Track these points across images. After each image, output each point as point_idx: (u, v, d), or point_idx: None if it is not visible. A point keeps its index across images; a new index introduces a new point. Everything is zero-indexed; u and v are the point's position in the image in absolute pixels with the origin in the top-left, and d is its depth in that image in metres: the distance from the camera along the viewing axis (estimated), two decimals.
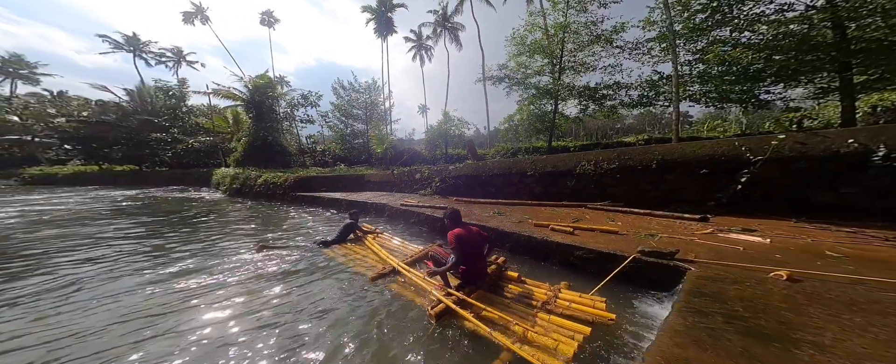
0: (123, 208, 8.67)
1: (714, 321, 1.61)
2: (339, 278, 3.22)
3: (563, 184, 6.56)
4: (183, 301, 2.73)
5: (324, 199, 8.31)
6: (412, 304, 2.56)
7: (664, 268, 2.63)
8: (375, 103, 20.17)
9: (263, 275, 3.35)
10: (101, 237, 5.25)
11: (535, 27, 11.69)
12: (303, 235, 5.30)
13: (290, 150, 18.38)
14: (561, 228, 3.96)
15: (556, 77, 11.27)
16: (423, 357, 1.85)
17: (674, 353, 1.32)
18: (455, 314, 2.19)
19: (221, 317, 2.47)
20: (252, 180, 11.07)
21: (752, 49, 8.54)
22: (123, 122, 21.14)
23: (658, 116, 40.25)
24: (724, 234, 3.59)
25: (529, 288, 2.58)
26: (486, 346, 1.90)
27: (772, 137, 4.78)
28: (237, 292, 2.91)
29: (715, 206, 4.83)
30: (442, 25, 27.31)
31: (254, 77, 17.17)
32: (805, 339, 1.41)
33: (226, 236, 5.29)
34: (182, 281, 3.19)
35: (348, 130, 20.39)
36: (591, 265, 3.17)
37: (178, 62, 32.85)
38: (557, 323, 1.96)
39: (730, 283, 2.13)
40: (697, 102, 10.67)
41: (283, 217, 7.19)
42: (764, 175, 4.56)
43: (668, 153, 5.52)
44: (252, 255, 3.98)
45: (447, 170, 8.58)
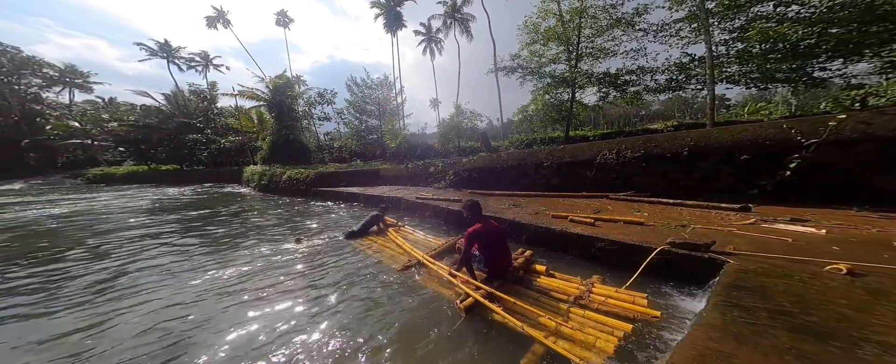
0: (186, 204, 9.59)
1: (757, 316, 1.48)
2: (368, 269, 3.33)
3: (582, 174, 6.29)
4: (239, 282, 3.03)
5: (343, 194, 8.61)
6: (439, 296, 2.59)
7: (698, 260, 2.45)
8: (388, 99, 20.38)
9: (300, 263, 3.58)
10: (192, 226, 6.16)
11: (548, 14, 11.08)
12: (331, 228, 5.56)
13: (309, 147, 19.16)
14: (581, 219, 3.81)
15: (572, 64, 10.67)
16: (453, 348, 1.88)
17: (708, 346, 1.23)
18: (484, 307, 2.19)
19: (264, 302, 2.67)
20: (278, 177, 11.71)
21: (802, 23, 7.55)
22: (164, 124, 23.07)
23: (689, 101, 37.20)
24: (769, 224, 3.28)
25: (559, 282, 2.51)
26: (516, 339, 1.89)
27: (828, 118, 4.25)
28: (278, 280, 3.11)
29: (757, 195, 4.41)
30: (451, 17, 26.78)
31: (273, 77, 17.94)
32: (869, 339, 1.25)
33: (268, 228, 5.73)
34: (242, 266, 3.54)
35: (363, 126, 20.84)
36: (613, 257, 3.02)
37: (206, 66, 35.12)
38: (593, 318, 1.90)
39: (777, 277, 1.94)
40: (736, 84, 9.70)
41: (311, 211, 7.54)
42: (819, 159, 4.07)
43: (701, 139, 5.09)
44: (293, 245, 4.33)
45: (461, 162, 8.52)
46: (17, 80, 30.03)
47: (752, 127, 5.03)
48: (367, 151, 20.67)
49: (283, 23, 34.87)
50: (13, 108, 28.10)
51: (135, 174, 23.84)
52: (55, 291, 3.02)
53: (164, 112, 24.12)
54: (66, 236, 5.50)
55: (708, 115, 9.24)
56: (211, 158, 23.08)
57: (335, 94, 20.33)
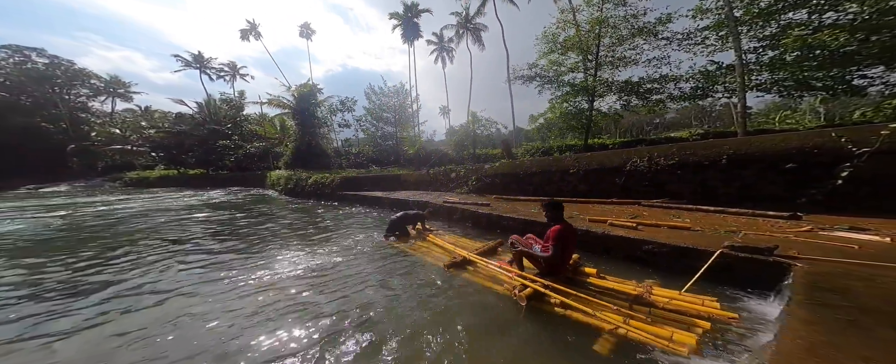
0: (224, 205, 10.23)
1: (849, 313, 1.47)
2: (419, 267, 3.47)
3: (610, 181, 6.24)
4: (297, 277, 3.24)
5: (368, 198, 8.86)
6: (490, 290, 2.67)
7: (761, 264, 2.42)
8: (404, 106, 21.01)
9: (358, 260, 3.78)
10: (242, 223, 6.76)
11: (567, 24, 11.33)
12: (367, 230, 5.73)
13: (328, 153, 19.89)
14: (621, 223, 3.80)
15: (592, 73, 10.75)
16: (519, 337, 1.94)
17: (820, 339, 1.24)
18: (540, 301, 2.25)
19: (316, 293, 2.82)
20: (303, 181, 12.21)
21: (843, 30, 7.38)
22: (195, 130, 24.64)
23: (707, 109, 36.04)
24: (827, 232, 3.17)
25: (612, 283, 2.53)
26: (577, 328, 1.94)
27: (880, 127, 4.11)
28: (359, 270, 3.39)
29: (807, 204, 4.25)
30: (464, 27, 27.68)
31: (298, 86, 18.98)
32: None
33: (334, 229, 5.96)
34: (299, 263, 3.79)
35: (379, 133, 21.47)
36: (662, 260, 3.00)
37: (234, 75, 37.56)
38: (663, 316, 1.92)
39: (855, 280, 1.90)
40: (767, 92, 9.45)
41: (345, 214, 7.82)
42: (871, 169, 3.92)
43: (740, 147, 4.99)
44: (355, 241, 4.73)
45: (483, 169, 8.63)
46: (67, 91, 33.12)
47: (796, 135, 4.90)
48: (382, 157, 21.19)
49: (306, 34, 37.10)
50: (64, 115, 30.90)
51: (167, 178, 25.38)
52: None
53: (196, 119, 25.82)
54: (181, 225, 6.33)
55: (740, 123, 9.00)
56: (236, 163, 24.30)
57: (355, 102, 21.20)
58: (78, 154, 29.19)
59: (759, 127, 14.99)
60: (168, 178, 25.26)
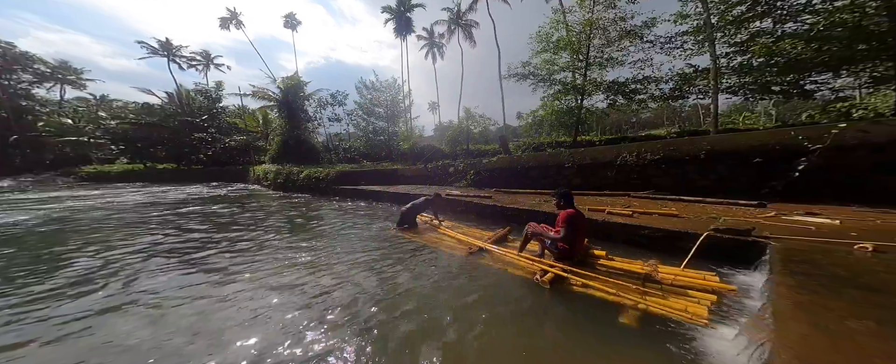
0: (220, 199, 9.64)
1: (822, 280, 1.83)
2: (436, 254, 3.62)
3: (603, 175, 6.71)
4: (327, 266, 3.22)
5: (366, 192, 8.81)
6: (507, 274, 2.88)
7: (741, 244, 2.82)
8: (396, 101, 20.71)
9: (380, 251, 3.85)
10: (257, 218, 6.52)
11: (559, 24, 11.72)
12: (376, 221, 5.79)
13: (317, 147, 19.25)
14: (619, 212, 4.18)
15: (582, 73, 11.27)
16: (554, 316, 2.17)
17: (804, 298, 1.55)
18: (561, 283, 2.49)
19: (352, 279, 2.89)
20: (295, 175, 11.82)
21: (800, 39, 8.28)
22: (166, 122, 22.75)
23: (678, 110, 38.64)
24: (788, 217, 3.69)
25: (621, 263, 2.83)
26: (600, 305, 2.19)
27: (831, 126, 4.77)
28: (385, 260, 3.43)
29: (769, 194, 4.87)
30: (456, 23, 27.51)
31: (284, 78, 18.08)
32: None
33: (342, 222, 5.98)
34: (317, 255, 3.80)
35: (371, 128, 21.08)
36: (658, 243, 3.38)
37: (207, 65, 34.78)
38: (673, 291, 2.21)
39: (818, 254, 2.31)
40: (735, 94, 10.42)
41: (350, 208, 7.75)
42: (822, 163, 4.56)
43: (717, 143, 5.57)
44: (370, 232, 4.87)
45: (481, 163, 8.87)
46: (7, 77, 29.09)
47: (761, 134, 5.54)
48: (373, 152, 20.87)
49: (291, 25, 35.03)
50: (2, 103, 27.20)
51: (131, 172, 23.32)
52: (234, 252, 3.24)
53: (167, 110, 23.80)
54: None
55: (712, 122, 9.87)
56: (213, 157, 22.82)
57: (346, 96, 20.56)
58: (22, 146, 25.94)
59: (725, 126, 16.46)
60: (133, 172, 23.22)
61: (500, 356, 1.72)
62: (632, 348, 1.74)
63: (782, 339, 1.13)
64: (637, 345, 1.77)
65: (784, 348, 1.07)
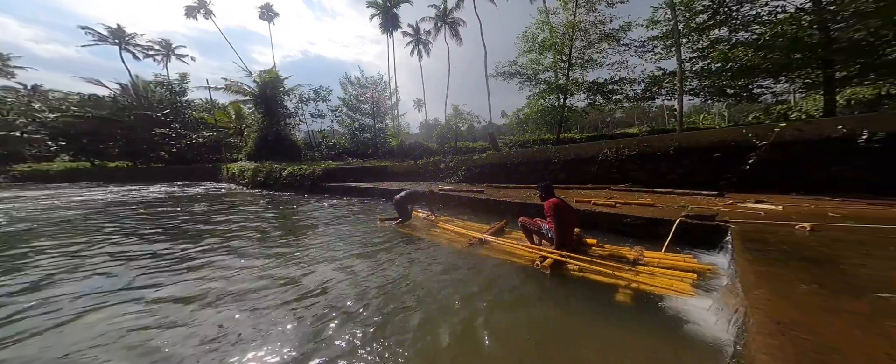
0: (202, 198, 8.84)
1: (773, 254, 2.19)
2: (440, 248, 3.69)
3: (586, 169, 7.18)
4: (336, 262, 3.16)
5: (356, 189, 8.65)
6: (509, 263, 3.07)
7: (708, 227, 3.24)
8: (383, 98, 20.30)
9: (380, 246, 3.85)
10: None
11: (544, 25, 12.19)
12: (372, 218, 5.73)
13: (299, 144, 18.36)
14: (603, 203, 4.55)
15: (566, 73, 11.86)
16: (548, 297, 2.37)
17: (763, 269, 1.86)
18: (559, 269, 2.72)
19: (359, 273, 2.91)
20: (276, 173, 11.24)
21: (751, 47, 9.34)
22: (119, 116, 20.40)
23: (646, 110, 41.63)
24: (742, 204, 4.26)
25: (611, 249, 3.12)
26: (597, 287, 2.43)
27: (773, 125, 5.50)
28: (365, 257, 3.41)
29: (726, 185, 5.54)
30: (442, 21, 27.36)
31: (261, 72, 16.95)
32: (843, 262, 1.99)
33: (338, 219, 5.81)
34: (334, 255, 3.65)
35: (356, 125, 20.49)
36: (639, 230, 3.76)
37: (168, 56, 31.48)
38: (660, 272, 2.50)
39: (768, 234, 2.73)
40: (697, 96, 11.52)
41: (340, 205, 7.56)
42: (767, 157, 5.27)
43: (683, 140, 6.19)
44: (373, 226, 4.83)
45: (471, 159, 9.07)
46: None
47: (718, 132, 6.23)
48: (359, 149, 20.34)
49: (267, 17, 32.60)
50: None
51: (76, 171, 20.74)
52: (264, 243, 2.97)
53: (120, 103, 21.33)
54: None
55: (678, 122, 10.86)
56: (178, 155, 20.89)
57: (330, 92, 19.74)
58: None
59: (688, 126, 18.13)
60: (79, 171, 20.66)
61: (509, 335, 1.88)
62: (628, 321, 1.98)
63: (752, 303, 1.39)
64: (633, 318, 2.01)
65: (755, 310, 1.32)
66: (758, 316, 1.26)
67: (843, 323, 1.18)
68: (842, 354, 0.98)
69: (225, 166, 16.30)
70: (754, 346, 1.09)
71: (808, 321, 1.20)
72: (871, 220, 2.97)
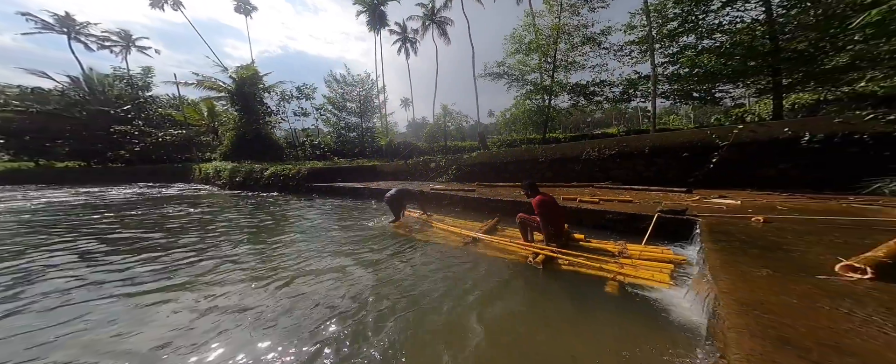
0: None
1: (735, 244, 2.49)
2: (434, 249, 3.75)
3: (570, 168, 7.56)
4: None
5: (345, 189, 8.48)
6: (503, 260, 3.21)
7: (680, 221, 3.58)
8: (370, 96, 19.86)
9: (376, 247, 3.83)
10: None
11: (531, 27, 12.56)
12: (365, 219, 5.67)
13: (280, 143, 17.51)
14: (587, 200, 4.84)
15: (551, 74, 12.32)
16: (542, 291, 2.52)
17: (728, 258, 2.12)
18: (551, 263, 2.89)
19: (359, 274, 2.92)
20: (257, 173, 10.70)
21: (714, 54, 10.21)
22: (69, 112, 18.34)
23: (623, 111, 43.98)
24: (708, 200, 4.72)
25: (597, 244, 3.35)
26: (586, 280, 2.62)
27: (732, 127, 6.10)
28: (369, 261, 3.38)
29: (693, 182, 6.08)
30: (430, 20, 27.14)
31: (238, 67, 15.94)
32: (791, 249, 2.31)
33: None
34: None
35: (342, 124, 19.90)
36: (621, 225, 4.06)
37: (127, 47, 28.57)
38: (642, 264, 2.74)
39: (730, 226, 3.08)
40: (668, 99, 12.41)
41: (333, 207, 7.36)
42: (728, 157, 5.85)
43: (657, 141, 6.70)
44: (366, 226, 4.83)
45: (462, 159, 9.19)
46: None
47: (686, 132, 6.80)
48: (345, 149, 19.78)
49: (244, 10, 30.43)
50: None
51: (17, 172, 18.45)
52: None
53: (71, 97, 19.16)
54: None
55: (651, 123, 11.65)
56: (142, 154, 19.17)
57: (314, 90, 18.96)
58: None
59: (660, 127, 19.45)
60: (20, 172, 18.40)
61: (505, 329, 2.00)
62: (616, 310, 2.18)
63: (721, 289, 1.61)
64: (620, 307, 2.22)
65: (723, 294, 1.54)
66: (725, 300, 1.47)
67: (793, 302, 1.41)
68: (794, 329, 1.19)
69: (197, 166, 15.23)
70: (725, 326, 1.28)
71: (766, 302, 1.43)
72: (811, 213, 3.43)
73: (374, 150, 18.14)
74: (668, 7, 10.40)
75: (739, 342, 1.12)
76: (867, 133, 4.64)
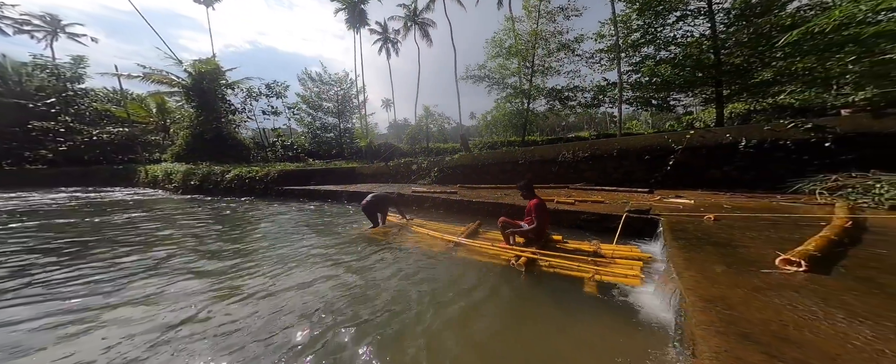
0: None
1: (693, 241, 2.73)
2: (415, 254, 3.64)
3: (548, 170, 7.89)
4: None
5: (320, 192, 8.00)
6: (485, 263, 3.21)
7: (645, 220, 3.87)
8: (348, 96, 19.01)
9: (354, 255, 3.58)
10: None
11: (510, 32, 12.96)
12: (340, 225, 5.36)
13: (246, 143, 16.04)
14: (564, 200, 5.07)
15: (529, 78, 12.81)
16: (525, 294, 2.56)
17: (689, 255, 2.31)
18: (532, 265, 2.95)
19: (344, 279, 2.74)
20: (217, 176, 9.68)
21: (670, 64, 11.31)
22: None
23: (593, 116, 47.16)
24: (666, 199, 5.18)
25: (574, 244, 3.48)
26: (566, 280, 2.71)
27: (685, 132, 6.78)
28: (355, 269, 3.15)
29: (654, 183, 6.66)
30: (413, 21, 26.80)
31: (197, 61, 14.32)
32: (739, 244, 2.58)
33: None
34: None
35: (318, 123, 18.80)
36: (594, 224, 4.30)
37: (54, 33, 24.34)
38: (615, 263, 2.88)
39: (687, 224, 3.39)
40: (631, 105, 13.50)
41: (308, 211, 6.87)
42: (682, 159, 6.49)
43: (623, 144, 7.23)
44: (342, 232, 4.55)
45: (444, 161, 9.16)
46: None
47: (649, 137, 7.43)
48: (321, 150, 18.68)
49: (206, 1, 27.24)
50: None
51: None
52: None
53: None
54: None
55: (618, 127, 12.59)
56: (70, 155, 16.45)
57: (287, 87, 17.65)
58: None
59: (625, 131, 21.11)
60: None
61: (489, 332, 2.00)
62: (596, 310, 2.26)
63: (685, 285, 1.74)
64: (598, 306, 2.31)
65: (688, 291, 1.66)
66: (690, 297, 1.59)
67: (746, 296, 1.56)
68: (750, 323, 1.31)
69: (143, 168, 13.46)
70: (692, 323, 1.37)
71: (725, 297, 1.56)
72: (750, 210, 3.90)
73: (352, 152, 17.41)
74: (632, 19, 11.32)
75: (706, 339, 1.21)
76: (790, 139, 5.41)
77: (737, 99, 12.20)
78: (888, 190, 3.76)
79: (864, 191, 4.01)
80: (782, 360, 1.06)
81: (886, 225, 2.91)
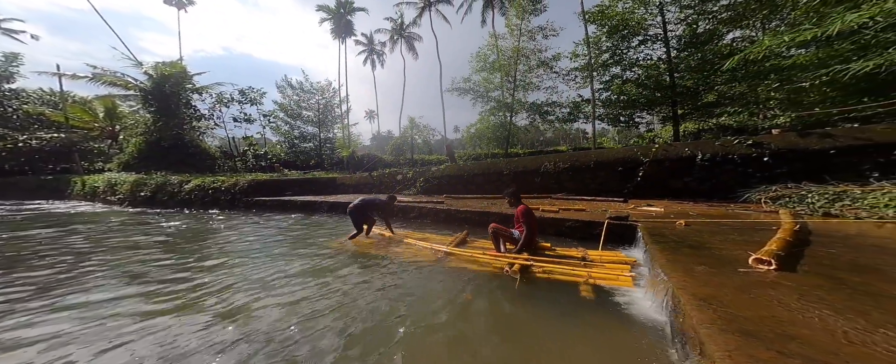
0: None
1: (671, 244, 2.88)
2: (404, 266, 3.44)
3: (531, 180, 8.13)
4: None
5: (296, 203, 7.45)
6: (477, 273, 3.11)
7: (625, 226, 4.06)
8: (330, 105, 18.50)
9: (331, 267, 3.23)
10: None
11: (494, 48, 13.74)
12: (320, 236, 4.94)
13: (211, 152, 14.69)
14: (548, 209, 5.19)
15: (512, 93, 13.51)
16: (522, 301, 2.49)
17: (671, 257, 2.42)
18: (526, 272, 2.92)
19: None
20: (173, 186, 8.64)
21: (635, 84, 12.57)
22: None
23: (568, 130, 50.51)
24: (640, 207, 5.53)
25: (563, 251, 3.52)
26: (559, 285, 2.69)
27: (651, 146, 7.43)
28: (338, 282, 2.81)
29: (628, 193, 7.12)
30: (399, 34, 27.44)
31: (161, 63, 13.17)
32: (711, 246, 2.77)
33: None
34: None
35: (296, 133, 17.89)
36: (578, 231, 4.42)
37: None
38: (605, 268, 2.93)
39: (663, 228, 3.61)
40: (602, 121, 14.67)
41: (275, 223, 6.18)
42: (649, 171, 7.06)
43: (599, 156, 7.72)
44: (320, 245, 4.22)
45: (430, 171, 9.09)
46: None
47: (621, 150, 8.02)
48: (300, 160, 17.64)
49: (178, 3, 25.62)
50: None
51: None
52: None
53: None
54: None
55: (592, 141, 13.53)
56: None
57: (263, 94, 16.71)
58: None
59: (599, 145, 22.75)
60: None
61: (489, 339, 1.89)
62: (594, 313, 2.25)
63: (676, 285, 1.79)
64: (596, 309, 2.30)
65: (680, 290, 1.71)
66: (684, 296, 1.63)
67: (735, 294, 1.63)
68: (748, 320, 1.34)
69: (79, 179, 11.73)
70: (694, 323, 1.39)
71: (716, 295, 1.62)
72: (712, 217, 4.26)
73: (333, 163, 16.69)
74: (602, 40, 12.56)
75: (713, 338, 1.21)
76: (737, 154, 6.12)
77: (689, 118, 13.77)
78: (818, 199, 4.34)
79: (799, 200, 4.59)
80: (791, 356, 1.08)
81: (826, 228, 3.31)
